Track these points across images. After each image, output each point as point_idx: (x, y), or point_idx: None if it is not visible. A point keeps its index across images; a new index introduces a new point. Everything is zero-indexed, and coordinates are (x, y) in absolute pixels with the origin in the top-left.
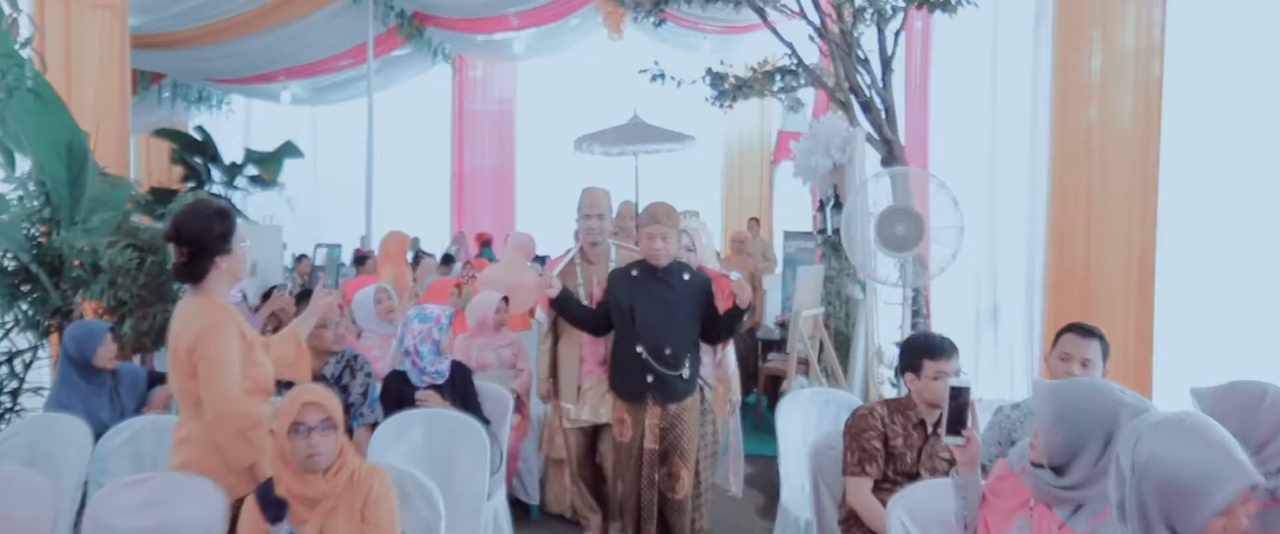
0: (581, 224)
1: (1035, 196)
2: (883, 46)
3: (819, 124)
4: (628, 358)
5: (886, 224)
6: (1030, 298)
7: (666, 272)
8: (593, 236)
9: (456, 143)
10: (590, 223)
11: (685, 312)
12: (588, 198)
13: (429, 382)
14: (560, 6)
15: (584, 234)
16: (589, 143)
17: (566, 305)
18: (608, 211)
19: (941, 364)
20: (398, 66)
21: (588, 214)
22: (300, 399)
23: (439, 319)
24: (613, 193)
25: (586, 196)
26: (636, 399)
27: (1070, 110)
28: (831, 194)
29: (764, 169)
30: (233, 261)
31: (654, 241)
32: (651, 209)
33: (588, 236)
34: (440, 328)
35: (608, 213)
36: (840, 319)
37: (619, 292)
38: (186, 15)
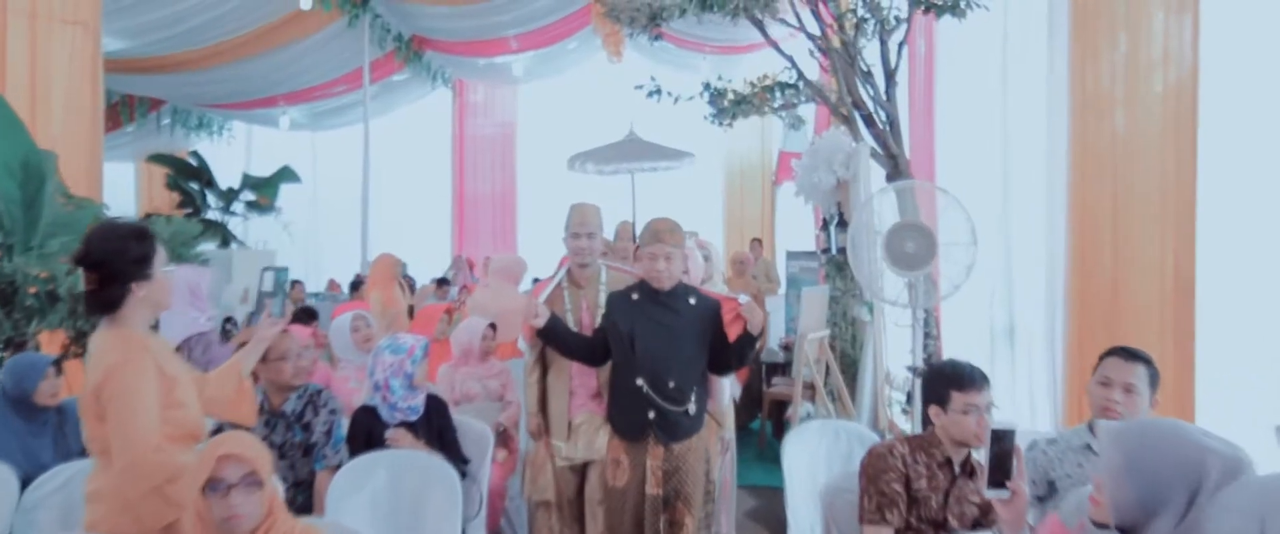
0: (569, 244)
1: (1053, 210)
2: (886, 59)
3: (821, 140)
4: (627, 391)
5: (895, 241)
6: (1051, 316)
7: (670, 295)
8: (582, 257)
9: (457, 166)
10: (579, 242)
11: (691, 339)
12: (576, 215)
13: (401, 418)
14: (559, 28)
15: (573, 254)
16: (583, 161)
17: (556, 335)
18: (598, 230)
19: (971, 396)
20: (397, 91)
21: (576, 232)
22: (217, 451)
23: (412, 350)
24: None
25: (575, 214)
26: (636, 438)
27: (1091, 119)
28: (835, 212)
29: (765, 190)
30: (154, 290)
31: (656, 262)
32: (653, 226)
33: (577, 257)
34: (413, 360)
35: (598, 231)
36: (846, 341)
37: (618, 317)
38: (179, 39)
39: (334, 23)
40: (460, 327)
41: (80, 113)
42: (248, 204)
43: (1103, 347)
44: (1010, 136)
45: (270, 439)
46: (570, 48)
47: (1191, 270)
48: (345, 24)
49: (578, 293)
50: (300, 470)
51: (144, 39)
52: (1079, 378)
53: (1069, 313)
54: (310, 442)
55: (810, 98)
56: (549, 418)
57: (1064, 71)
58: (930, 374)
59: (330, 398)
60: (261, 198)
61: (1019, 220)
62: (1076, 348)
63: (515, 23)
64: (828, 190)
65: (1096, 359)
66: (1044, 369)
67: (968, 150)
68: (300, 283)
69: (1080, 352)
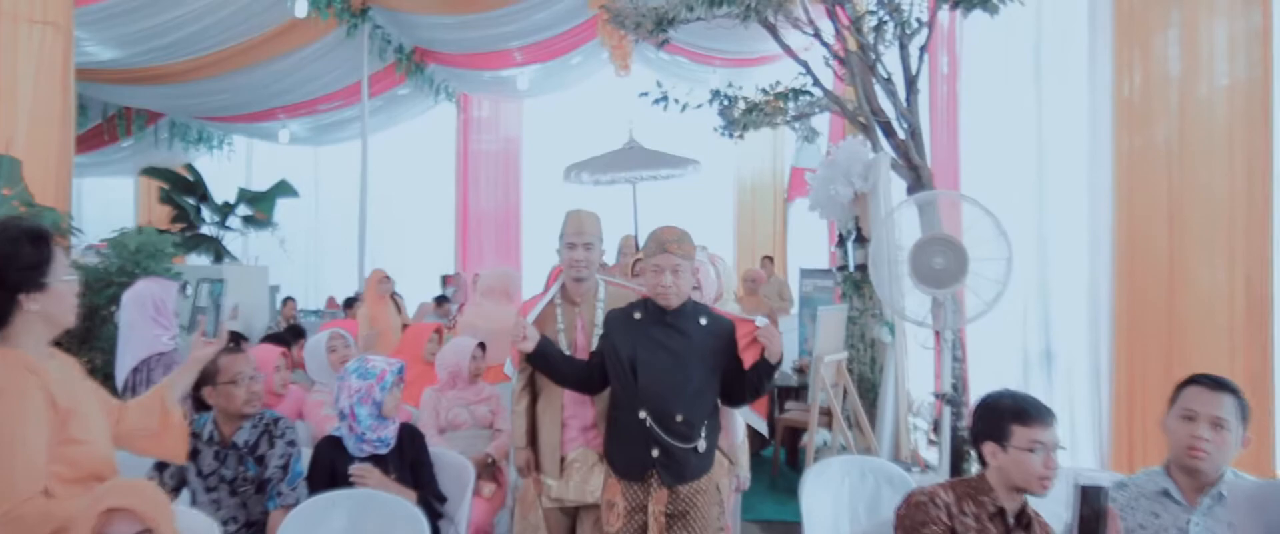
0: (564, 255)
1: (1097, 225)
2: (906, 65)
3: (839, 150)
4: (627, 426)
5: (922, 256)
6: (1094, 341)
7: (678, 314)
8: (578, 271)
9: (461, 182)
10: (575, 254)
11: (702, 366)
12: (572, 222)
13: (369, 451)
14: (564, 41)
15: (567, 267)
16: (578, 171)
17: (547, 360)
18: (597, 241)
19: (1037, 432)
20: (399, 105)
21: (571, 242)
22: (102, 503)
23: (383, 375)
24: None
25: (571, 221)
26: (637, 478)
27: (1138, 125)
28: (852, 227)
29: (777, 207)
30: (50, 302)
31: (661, 276)
32: (658, 235)
33: (572, 271)
34: (383, 386)
35: (597, 242)
36: (865, 364)
37: (617, 339)
38: (171, 49)
39: (331, 33)
40: (447, 347)
41: (48, 118)
42: (244, 219)
43: (1156, 376)
44: (1046, 145)
45: (220, 473)
46: (575, 62)
47: (1266, 289)
48: (343, 34)
49: (572, 311)
50: (253, 509)
51: (136, 48)
52: (1129, 410)
53: (1116, 337)
54: (264, 476)
55: (825, 107)
56: (539, 452)
57: (1108, 74)
58: (986, 406)
59: (288, 427)
60: (258, 213)
61: (1056, 235)
62: (1125, 376)
63: (518, 34)
64: (845, 204)
65: (1153, 389)
66: (1087, 399)
67: (997, 161)
68: (292, 300)
69: (1130, 381)
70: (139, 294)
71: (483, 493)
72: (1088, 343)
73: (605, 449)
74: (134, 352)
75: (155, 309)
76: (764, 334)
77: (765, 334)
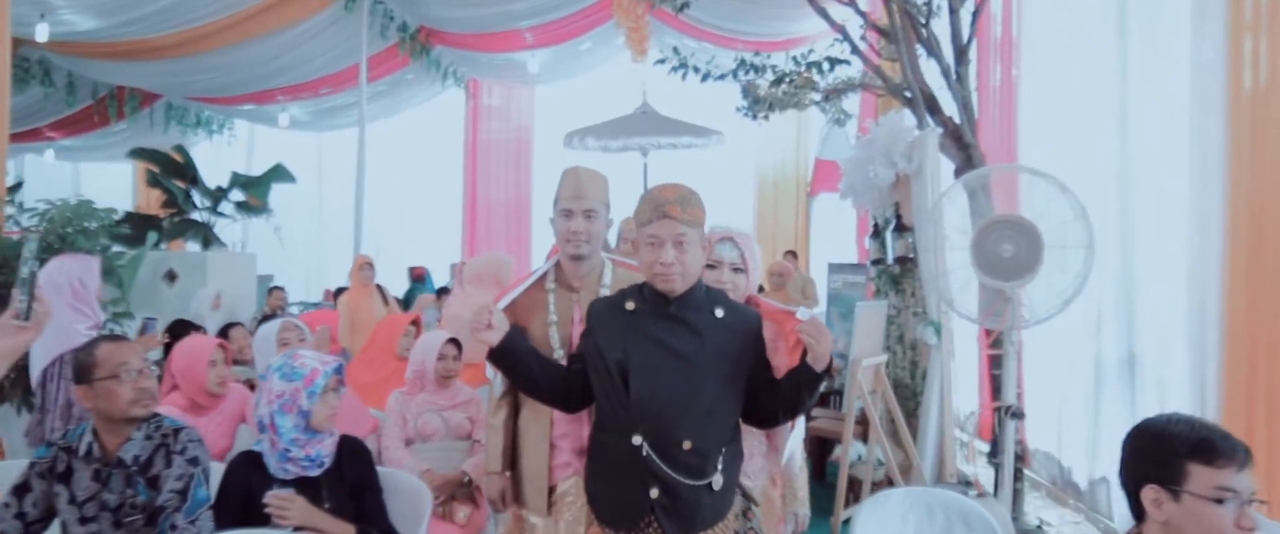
0: (559, 225)
1: (1205, 209)
2: (955, 31)
3: (878, 128)
4: (616, 455)
5: (988, 242)
6: (1199, 346)
7: (685, 303)
8: (577, 246)
9: (469, 171)
10: (573, 223)
11: (719, 373)
12: (569, 183)
13: (296, 473)
14: (577, 21)
15: (563, 240)
16: (582, 136)
17: (514, 359)
18: (602, 207)
19: (1227, 475)
20: (404, 89)
21: (568, 209)
22: None
23: (312, 376)
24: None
25: (567, 181)
26: (630, 526)
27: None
28: (892, 215)
29: (800, 201)
30: None
31: (660, 251)
32: (655, 195)
33: (569, 246)
34: (312, 391)
35: (602, 209)
36: (903, 369)
37: (602, 337)
38: (153, 19)
39: (329, 8)
40: (418, 343)
41: None
42: (238, 205)
43: None
44: (1131, 119)
45: (101, 498)
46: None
47: None
48: (342, 9)
49: (567, 298)
50: None
51: (115, 18)
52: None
53: (1226, 345)
54: (158, 503)
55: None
56: (520, 480)
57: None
58: (1151, 436)
59: (191, 441)
60: (252, 198)
61: (1145, 223)
62: (1233, 389)
63: (529, 12)
64: (884, 188)
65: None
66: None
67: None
68: (280, 289)
69: (1248, 396)
70: (54, 273)
71: (456, 518)
72: (1186, 349)
73: (587, 486)
74: (47, 344)
75: (73, 292)
76: (808, 331)
77: (810, 331)
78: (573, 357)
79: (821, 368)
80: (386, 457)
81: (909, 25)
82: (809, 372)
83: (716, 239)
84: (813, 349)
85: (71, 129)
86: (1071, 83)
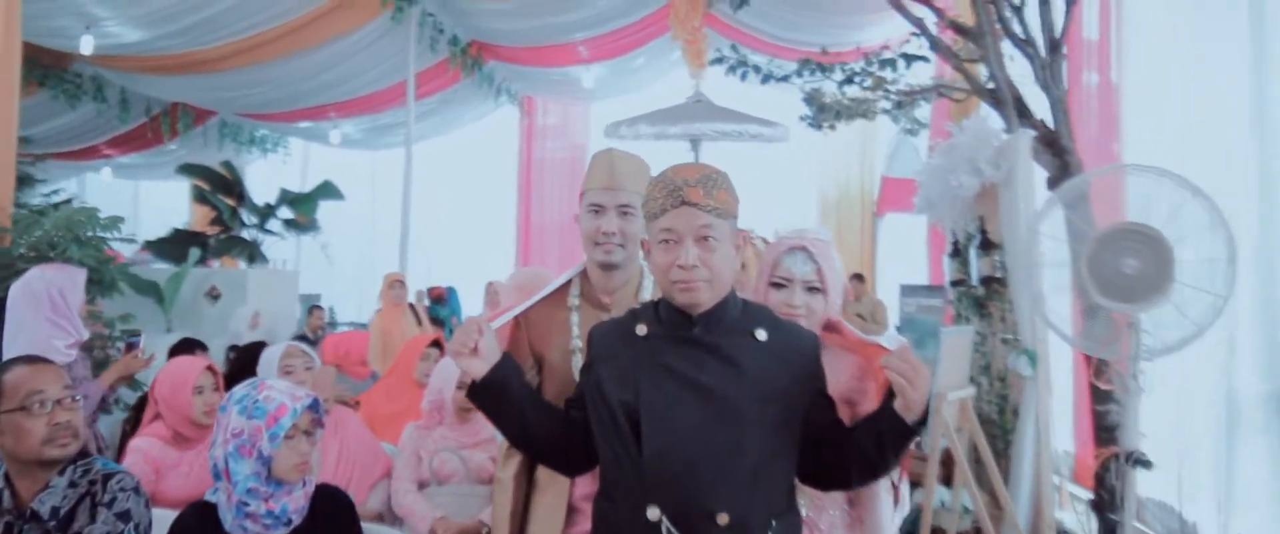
0: (586, 225)
1: None
2: (1047, 22)
3: (961, 133)
4: (626, 528)
5: (1107, 257)
6: None
7: (715, 323)
8: (608, 251)
9: (523, 190)
10: (604, 221)
11: (763, 418)
12: (600, 170)
13: (257, 532)
14: (633, 33)
15: (591, 242)
16: (631, 124)
17: (501, 398)
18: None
19: None
20: (457, 106)
21: (597, 203)
22: None
23: (278, 414)
24: None
25: (598, 168)
26: None
27: None
28: (976, 230)
29: (866, 221)
30: None
31: (679, 249)
32: (670, 177)
33: (599, 250)
34: (275, 432)
35: (640, 206)
36: (991, 403)
37: (606, 373)
38: (198, 30)
39: (376, 20)
40: (437, 368)
41: None
42: (286, 222)
43: None
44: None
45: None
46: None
47: None
48: (389, 22)
49: (596, 317)
50: None
51: (160, 29)
52: None
53: None
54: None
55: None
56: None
57: None
58: None
59: (123, 491)
60: (300, 216)
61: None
62: None
63: (583, 24)
64: (968, 199)
65: None
66: None
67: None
68: (320, 308)
69: None
70: (32, 284)
71: None
72: None
73: None
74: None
75: (52, 305)
76: (896, 367)
77: (899, 367)
78: (570, 400)
79: (914, 417)
80: (396, 501)
81: (996, 16)
82: (895, 421)
83: (784, 248)
84: (903, 391)
85: (127, 146)
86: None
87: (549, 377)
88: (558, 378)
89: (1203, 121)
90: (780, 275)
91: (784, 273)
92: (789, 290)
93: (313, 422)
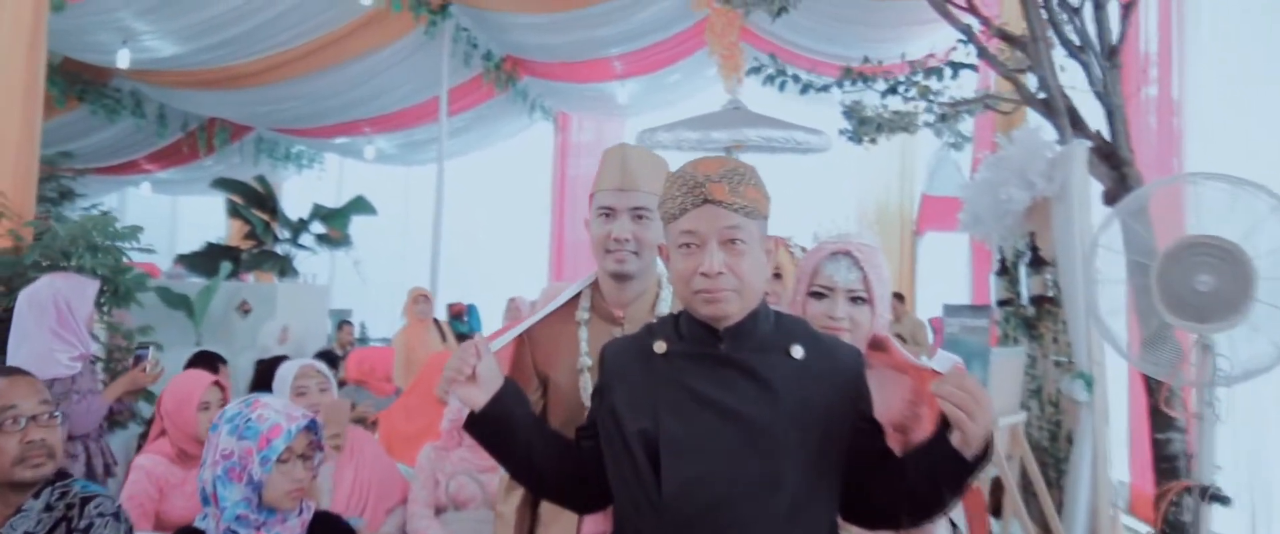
0: (596, 230)
1: None
2: (1102, 29)
3: (1011, 144)
4: None
5: (1179, 272)
6: None
7: (745, 338)
8: (620, 259)
9: (557, 208)
10: (615, 226)
11: (801, 449)
12: (611, 168)
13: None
14: (667, 49)
15: (601, 250)
16: (672, 131)
17: (504, 430)
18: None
19: None
20: (491, 122)
21: (608, 205)
22: None
23: (270, 435)
24: None
25: (609, 166)
26: None
27: None
28: (1026, 247)
29: (905, 241)
30: None
31: (702, 254)
32: (689, 172)
33: (610, 258)
34: (267, 455)
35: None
36: (1044, 431)
37: (620, 397)
38: (233, 45)
39: (410, 34)
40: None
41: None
42: (318, 237)
43: None
44: None
45: None
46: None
47: None
48: (423, 36)
49: (607, 333)
50: None
51: (196, 43)
52: None
53: None
54: None
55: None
56: None
57: None
58: None
59: (102, 516)
60: (332, 231)
61: None
62: None
63: (618, 39)
64: (1018, 214)
65: None
66: None
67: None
68: (349, 324)
69: None
70: (39, 293)
71: None
72: None
73: None
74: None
75: (58, 317)
76: (950, 394)
77: (953, 394)
78: (581, 428)
79: (973, 452)
80: (410, 526)
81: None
82: (950, 456)
83: (825, 252)
84: (960, 424)
85: (165, 162)
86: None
87: (554, 399)
88: (564, 401)
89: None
90: (820, 284)
91: (825, 281)
92: (830, 300)
93: (310, 445)
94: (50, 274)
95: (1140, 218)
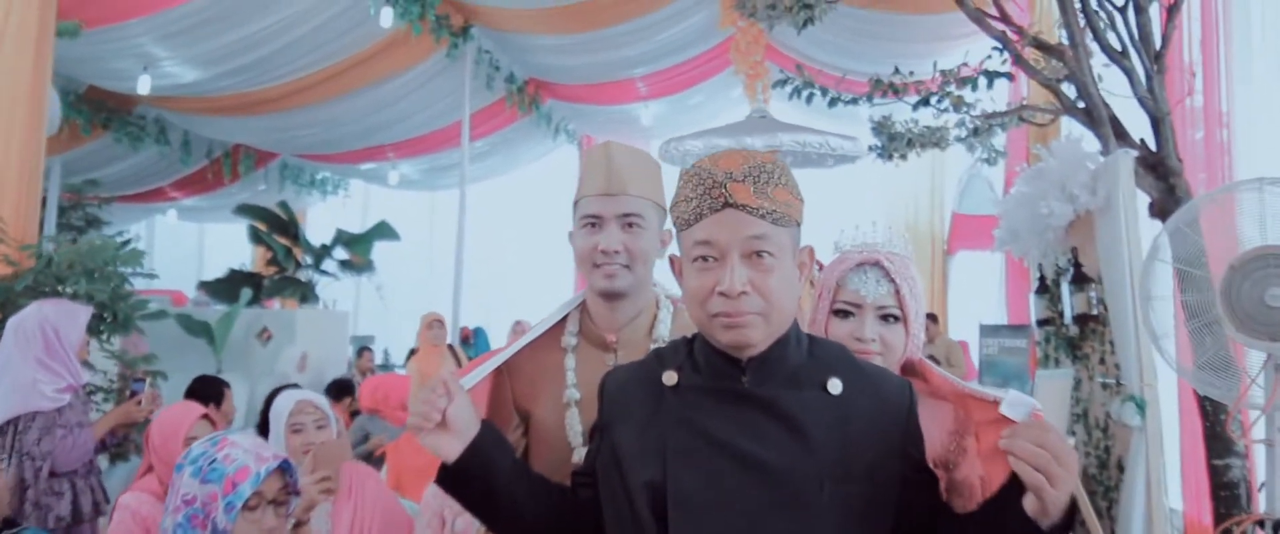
0: (579, 241)
1: None
2: (1144, 33)
3: (1052, 156)
4: None
5: (1247, 285)
6: None
7: (772, 371)
8: (610, 275)
9: None
10: (602, 236)
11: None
12: (596, 168)
13: None
14: (691, 70)
15: (587, 264)
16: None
17: (482, 480)
18: (654, 210)
19: None
20: (515, 145)
21: (594, 213)
22: None
23: (237, 478)
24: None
25: (593, 166)
26: None
27: None
28: (1069, 262)
29: (936, 260)
30: None
31: (721, 270)
32: (706, 169)
33: (598, 274)
34: (232, 500)
35: (653, 216)
36: (1093, 457)
37: (623, 439)
38: (253, 70)
39: (431, 58)
40: None
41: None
42: (341, 263)
43: None
44: None
45: None
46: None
47: None
48: (444, 60)
49: (597, 360)
50: None
51: (216, 69)
52: None
53: None
54: None
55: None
56: None
57: None
58: None
59: None
60: (355, 256)
61: None
62: None
63: (642, 59)
64: (1058, 230)
65: None
66: None
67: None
68: (369, 350)
69: None
70: (26, 321)
71: None
72: None
73: None
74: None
75: (46, 345)
76: (1026, 448)
77: (1031, 453)
78: (578, 473)
79: (1051, 521)
80: None
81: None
82: (1023, 525)
83: (850, 263)
84: (1040, 490)
85: (190, 189)
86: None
87: (537, 438)
88: (548, 440)
89: None
90: (846, 300)
91: (851, 296)
92: (857, 319)
93: (283, 489)
94: (41, 301)
95: (1195, 229)
